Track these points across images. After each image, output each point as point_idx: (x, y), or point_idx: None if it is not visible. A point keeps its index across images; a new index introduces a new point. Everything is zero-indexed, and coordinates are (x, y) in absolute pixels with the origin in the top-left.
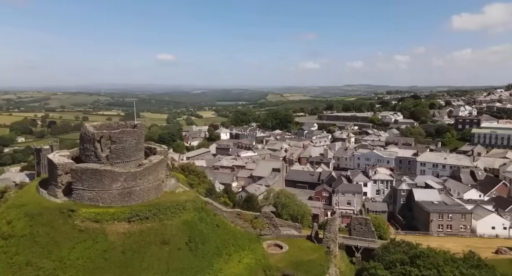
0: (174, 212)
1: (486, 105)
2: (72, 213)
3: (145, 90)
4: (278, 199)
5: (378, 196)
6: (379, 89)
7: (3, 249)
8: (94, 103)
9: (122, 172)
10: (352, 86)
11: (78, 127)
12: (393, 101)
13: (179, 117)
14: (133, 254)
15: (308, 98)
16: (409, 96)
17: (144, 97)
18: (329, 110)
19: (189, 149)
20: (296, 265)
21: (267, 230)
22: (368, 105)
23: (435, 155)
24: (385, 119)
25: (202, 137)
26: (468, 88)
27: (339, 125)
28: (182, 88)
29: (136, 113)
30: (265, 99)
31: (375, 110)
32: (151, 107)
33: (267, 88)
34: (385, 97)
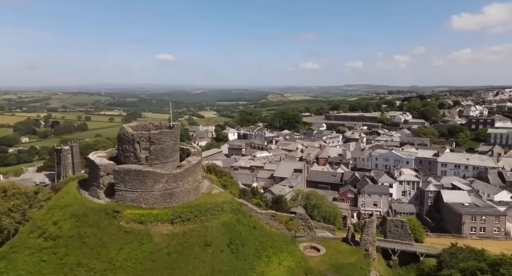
0: (214, 213)
1: (497, 105)
2: (116, 214)
3: (145, 90)
4: (309, 200)
5: (404, 197)
6: (379, 89)
7: (52, 250)
8: (95, 103)
9: (164, 173)
10: (352, 86)
11: (81, 127)
12: (397, 101)
13: (181, 117)
14: (178, 256)
15: (309, 98)
16: (411, 96)
17: (144, 97)
18: (335, 110)
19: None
20: (337, 268)
21: (302, 232)
22: (374, 105)
23: (456, 156)
24: (394, 119)
25: (209, 137)
26: (468, 88)
27: (347, 125)
28: (182, 88)
29: (137, 113)
30: (266, 99)
31: (382, 110)
32: (152, 107)
33: (267, 88)
34: (386, 97)
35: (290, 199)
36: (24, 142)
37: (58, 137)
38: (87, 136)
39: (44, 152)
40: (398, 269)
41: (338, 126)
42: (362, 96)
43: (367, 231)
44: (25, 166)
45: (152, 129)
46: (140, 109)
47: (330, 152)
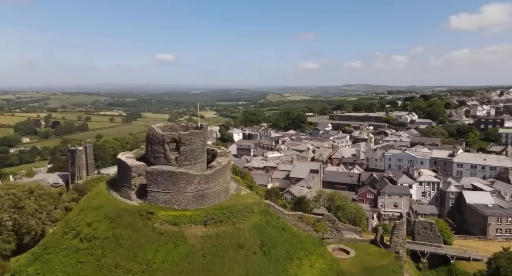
0: (244, 215)
1: (503, 105)
2: (150, 215)
3: (145, 90)
4: (332, 201)
5: (424, 198)
6: (378, 89)
7: (89, 251)
8: (94, 103)
9: (196, 174)
10: (351, 86)
11: (82, 127)
12: (398, 101)
13: (181, 117)
14: (213, 258)
15: (308, 98)
16: (411, 96)
17: (143, 97)
18: (338, 110)
19: None
20: (369, 271)
21: (330, 233)
22: (378, 105)
23: (473, 156)
24: (401, 119)
25: (214, 138)
26: (467, 87)
27: (353, 125)
28: (181, 88)
29: (137, 113)
30: (265, 99)
31: (386, 110)
32: (151, 107)
33: (266, 88)
34: (386, 97)
35: (312, 200)
36: (25, 142)
37: (59, 138)
38: (88, 136)
39: (45, 153)
40: (428, 272)
41: (344, 126)
42: (362, 96)
43: (397, 233)
44: (27, 167)
45: (179, 130)
46: (140, 109)
47: (343, 153)
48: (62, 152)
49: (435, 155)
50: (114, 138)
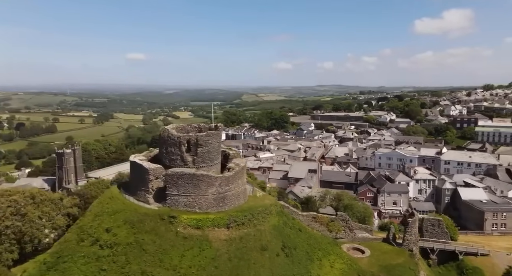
0: (264, 217)
1: (473, 104)
2: (173, 219)
3: (115, 90)
4: (340, 201)
5: (420, 196)
6: (349, 89)
7: (111, 258)
8: (60, 104)
9: (217, 176)
10: (324, 86)
11: (50, 129)
12: (372, 101)
13: (155, 118)
14: (238, 262)
15: (283, 98)
16: (382, 96)
17: (114, 97)
18: (317, 109)
19: None
20: (388, 269)
21: (343, 233)
22: (356, 105)
23: (459, 154)
24: (380, 119)
25: None
26: (432, 88)
27: (335, 125)
28: (153, 88)
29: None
30: (240, 99)
31: (365, 110)
32: (123, 107)
33: (241, 88)
34: (359, 97)
35: (317, 200)
36: None
37: (25, 140)
38: (57, 138)
39: (11, 156)
40: (438, 268)
41: (327, 126)
42: (335, 96)
43: (410, 231)
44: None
45: (191, 131)
46: (111, 110)
47: (336, 152)
48: (30, 155)
49: (423, 153)
50: (96, 140)
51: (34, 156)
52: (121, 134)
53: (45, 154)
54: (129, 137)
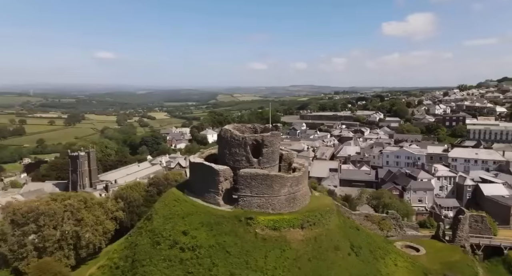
0: (330, 216)
1: (455, 104)
2: (250, 221)
3: (83, 90)
4: (380, 199)
5: (442, 192)
6: (322, 89)
7: (196, 261)
8: (24, 105)
9: (289, 176)
10: (297, 86)
11: (18, 131)
12: (351, 100)
13: (130, 119)
14: (318, 262)
15: (258, 98)
16: (356, 96)
17: (83, 97)
18: (303, 109)
19: (176, 152)
20: (448, 267)
21: (393, 231)
22: (341, 104)
23: (466, 151)
24: (370, 118)
25: (186, 140)
26: (399, 89)
27: (327, 124)
28: (125, 88)
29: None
30: (216, 100)
31: (352, 109)
32: (93, 108)
33: (215, 88)
34: (334, 97)
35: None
36: None
37: None
38: (26, 141)
39: None
40: (484, 263)
41: (318, 125)
42: (310, 96)
43: (461, 227)
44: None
45: (246, 132)
46: (81, 111)
47: (348, 151)
48: None
49: (431, 151)
50: (93, 142)
51: (3, 160)
52: (96, 136)
53: (16, 158)
54: (107, 138)
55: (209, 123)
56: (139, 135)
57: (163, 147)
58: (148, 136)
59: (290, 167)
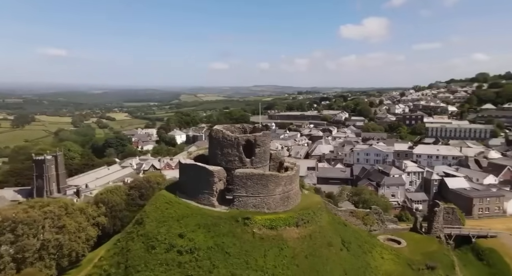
0: (321, 213)
1: (413, 103)
2: (247, 221)
3: (31, 89)
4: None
5: (411, 187)
6: (285, 89)
7: (195, 264)
8: None
9: (283, 176)
10: (260, 86)
11: None
12: (315, 100)
13: (86, 120)
14: (314, 259)
15: (222, 98)
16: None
17: (31, 97)
18: (270, 109)
19: (144, 153)
20: (429, 257)
21: (376, 226)
22: (307, 104)
23: (428, 147)
24: (336, 117)
25: (153, 141)
26: (357, 89)
27: (296, 124)
28: (78, 87)
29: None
30: (179, 100)
31: (319, 109)
32: (44, 109)
33: (178, 88)
34: (297, 97)
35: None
36: None
37: None
38: None
39: None
40: (455, 251)
41: (287, 125)
42: (273, 96)
43: (437, 219)
44: None
45: (235, 132)
46: (30, 112)
47: (322, 149)
48: None
49: (397, 148)
50: (53, 145)
51: None
52: (50, 138)
53: None
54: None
55: (176, 123)
56: (98, 136)
57: (129, 149)
58: (112, 138)
59: (282, 166)
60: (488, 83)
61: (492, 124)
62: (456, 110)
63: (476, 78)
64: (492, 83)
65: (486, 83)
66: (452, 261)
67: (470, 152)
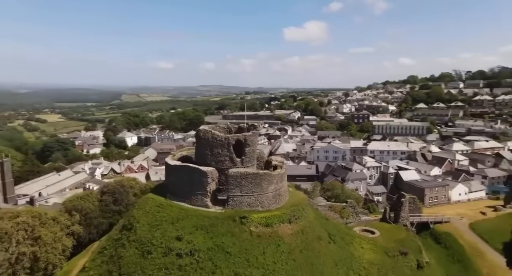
0: (308, 209)
1: (358, 103)
2: (244, 220)
3: None
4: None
5: (371, 181)
6: (231, 89)
7: (197, 265)
8: None
9: (275, 174)
10: (206, 86)
11: None
12: (263, 100)
13: (11, 122)
14: (308, 253)
15: (167, 98)
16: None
17: None
18: (222, 109)
19: (92, 158)
20: (401, 244)
21: (351, 218)
22: (259, 104)
23: (380, 144)
24: (289, 117)
25: (101, 144)
26: (301, 89)
27: (251, 123)
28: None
29: None
30: (120, 100)
31: (271, 109)
32: None
33: (119, 87)
34: (245, 97)
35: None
36: None
37: None
38: None
39: None
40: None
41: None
42: (220, 96)
43: (403, 209)
44: None
45: (221, 132)
46: None
47: (285, 148)
48: None
49: (353, 145)
50: None
51: None
52: None
53: None
54: None
55: (124, 125)
56: (30, 141)
57: (73, 153)
58: (52, 142)
59: (270, 165)
60: (419, 85)
61: (427, 122)
62: (395, 109)
63: (408, 80)
64: (422, 84)
65: (417, 85)
66: (419, 246)
67: (414, 147)
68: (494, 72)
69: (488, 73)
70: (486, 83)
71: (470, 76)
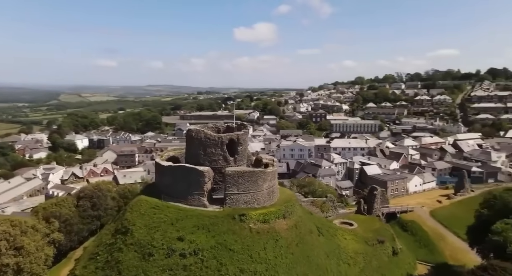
0: (297, 205)
1: (314, 103)
2: (244, 217)
3: None
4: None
5: (338, 176)
6: (182, 89)
7: (202, 264)
8: None
9: (269, 171)
10: (155, 86)
11: None
12: (218, 100)
13: None
14: (303, 246)
15: (113, 98)
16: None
17: None
18: (178, 109)
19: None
20: (377, 233)
21: (331, 212)
22: (215, 104)
23: (341, 141)
24: (249, 117)
25: (46, 148)
26: (253, 89)
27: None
28: None
29: None
30: (58, 100)
31: (229, 109)
32: None
33: (56, 86)
34: (198, 97)
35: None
36: None
37: None
38: None
39: None
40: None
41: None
42: (171, 96)
43: (376, 201)
44: None
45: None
46: None
47: (254, 147)
48: None
49: (317, 143)
50: None
51: None
52: None
53: None
54: None
55: (71, 127)
56: None
57: (14, 158)
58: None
59: (261, 163)
60: (366, 86)
61: (378, 120)
62: (348, 108)
63: (356, 81)
64: (370, 85)
65: (364, 85)
66: (392, 235)
67: (371, 143)
68: (429, 74)
69: (424, 76)
70: (423, 84)
71: (410, 78)
